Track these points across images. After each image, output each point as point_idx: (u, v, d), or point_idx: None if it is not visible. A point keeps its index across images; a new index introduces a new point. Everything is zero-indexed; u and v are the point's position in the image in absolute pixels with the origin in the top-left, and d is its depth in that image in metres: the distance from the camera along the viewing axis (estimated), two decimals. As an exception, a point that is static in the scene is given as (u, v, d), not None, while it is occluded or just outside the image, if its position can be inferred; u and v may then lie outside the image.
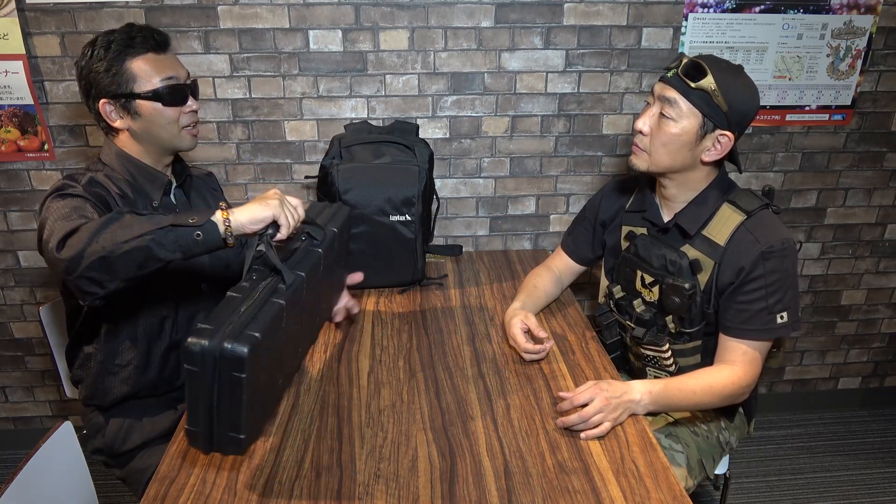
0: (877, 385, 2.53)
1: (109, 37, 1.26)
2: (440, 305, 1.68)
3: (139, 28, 1.28)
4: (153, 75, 1.27)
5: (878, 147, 2.12)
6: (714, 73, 1.23)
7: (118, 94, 1.26)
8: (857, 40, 1.95)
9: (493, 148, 2.02)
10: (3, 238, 2.01)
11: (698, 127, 1.27)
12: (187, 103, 1.33)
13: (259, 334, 0.93)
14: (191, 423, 0.98)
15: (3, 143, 1.88)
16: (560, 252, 1.69)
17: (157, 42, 1.29)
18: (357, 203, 1.67)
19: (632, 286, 1.46)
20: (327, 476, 1.09)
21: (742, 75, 1.27)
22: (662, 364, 1.44)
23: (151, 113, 1.28)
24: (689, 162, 1.31)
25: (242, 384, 0.92)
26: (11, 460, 2.27)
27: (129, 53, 1.26)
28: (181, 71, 1.33)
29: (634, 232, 1.46)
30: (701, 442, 1.44)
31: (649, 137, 1.32)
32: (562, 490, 1.05)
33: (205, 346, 0.91)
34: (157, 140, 1.32)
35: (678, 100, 1.26)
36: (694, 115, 1.26)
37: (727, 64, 1.27)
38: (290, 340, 1.11)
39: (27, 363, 2.21)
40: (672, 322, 1.39)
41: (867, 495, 2.12)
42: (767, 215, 1.32)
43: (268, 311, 0.99)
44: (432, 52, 1.88)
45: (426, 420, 1.23)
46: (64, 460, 1.22)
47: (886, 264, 2.31)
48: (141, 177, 1.34)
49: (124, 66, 1.25)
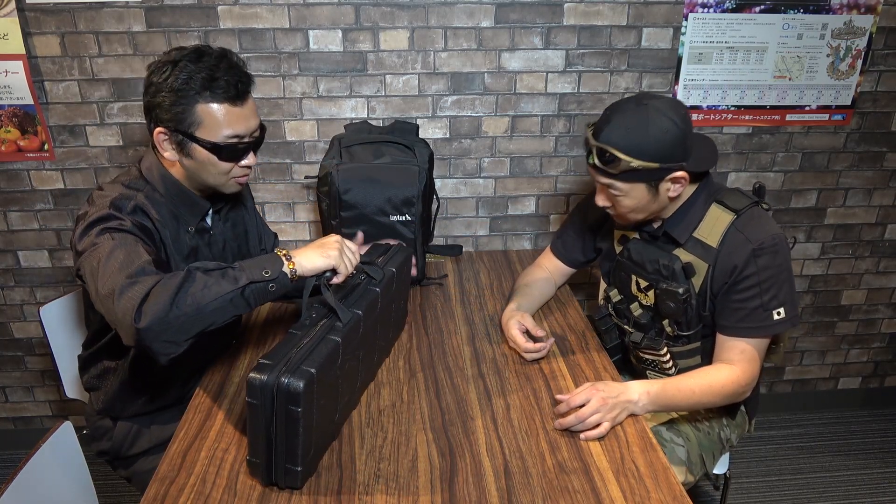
0: (877, 385, 2.53)
1: (191, 69, 1.15)
2: (440, 305, 1.68)
3: (226, 69, 1.17)
4: (220, 128, 1.19)
5: (879, 147, 2.12)
6: (623, 148, 1.21)
7: (177, 130, 1.18)
8: (857, 40, 1.95)
9: (493, 148, 2.02)
10: (3, 238, 2.01)
11: (646, 188, 1.27)
12: (244, 159, 1.25)
13: (314, 370, 0.98)
14: (252, 455, 1.04)
15: (3, 143, 1.88)
16: (550, 254, 1.69)
17: (237, 92, 1.18)
18: (357, 203, 1.67)
19: (628, 290, 1.46)
20: (327, 476, 1.09)
21: (649, 118, 1.21)
22: (662, 367, 1.44)
23: (205, 160, 1.21)
24: (664, 204, 1.32)
25: (298, 417, 0.97)
26: (11, 460, 2.27)
27: (203, 97, 1.16)
28: (251, 123, 1.23)
29: (627, 236, 1.46)
30: (702, 437, 1.44)
31: (614, 209, 1.35)
32: (562, 490, 1.05)
33: (264, 381, 0.96)
34: (201, 181, 1.26)
35: (613, 183, 1.27)
36: (636, 185, 1.26)
37: (630, 117, 1.22)
38: (346, 377, 1.14)
39: (27, 363, 2.21)
40: (669, 326, 1.39)
41: (867, 495, 2.12)
42: (757, 212, 1.31)
43: (324, 347, 1.04)
44: (432, 52, 1.88)
45: (426, 420, 1.23)
46: (64, 460, 1.21)
47: (886, 264, 2.31)
48: (182, 203, 1.29)
49: (194, 107, 1.16)
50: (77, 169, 1.93)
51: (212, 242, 1.38)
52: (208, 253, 1.36)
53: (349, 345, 1.11)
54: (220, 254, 1.40)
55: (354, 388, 1.22)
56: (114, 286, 1.03)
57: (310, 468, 1.07)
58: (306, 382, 0.95)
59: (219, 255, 1.39)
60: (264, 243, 1.58)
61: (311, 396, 0.98)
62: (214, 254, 1.38)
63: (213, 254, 1.38)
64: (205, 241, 1.36)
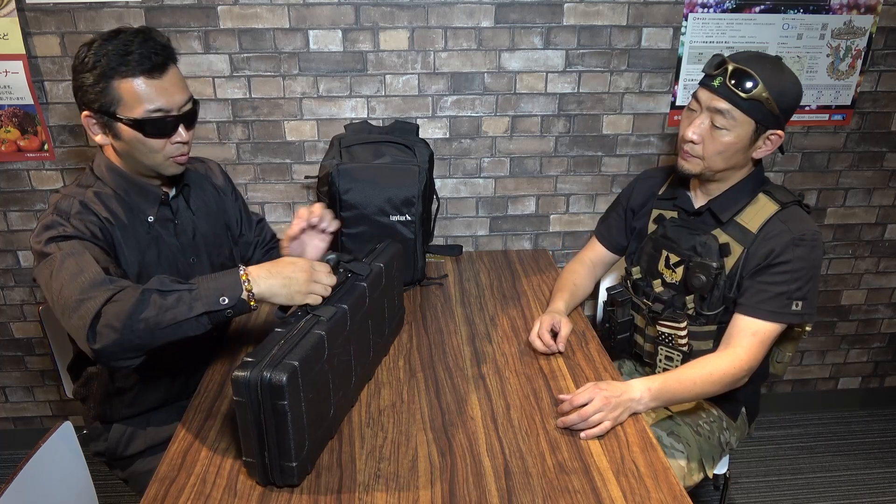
0: (877, 385, 2.53)
1: (105, 47, 1.13)
2: (440, 305, 1.68)
3: (140, 42, 1.14)
4: (139, 104, 1.15)
5: (878, 147, 2.12)
6: (763, 79, 1.24)
7: (101, 111, 1.16)
8: (856, 40, 1.95)
9: (493, 148, 2.02)
10: (3, 238, 2.01)
11: (752, 132, 1.29)
12: (174, 135, 1.21)
13: (297, 363, 0.98)
14: (246, 454, 1.04)
15: (3, 143, 1.88)
16: (594, 242, 1.71)
17: (153, 64, 1.14)
18: (357, 203, 1.67)
19: (654, 267, 1.48)
20: (327, 476, 1.09)
21: (785, 70, 1.29)
22: (677, 343, 1.44)
23: (132, 139, 1.18)
24: (741, 162, 1.34)
25: (285, 411, 0.97)
26: (11, 460, 2.27)
27: (119, 73, 1.13)
28: (176, 98, 1.18)
29: (664, 215, 1.49)
30: (702, 442, 1.44)
31: (701, 145, 1.33)
32: (562, 490, 1.05)
33: (248, 378, 0.96)
34: (138, 164, 1.23)
35: (731, 110, 1.27)
36: (747, 123, 1.28)
37: (769, 61, 1.28)
38: (337, 371, 1.14)
39: (27, 363, 2.20)
40: (692, 303, 1.41)
41: (867, 495, 2.12)
42: (800, 210, 1.35)
43: (308, 341, 1.04)
44: (432, 52, 1.88)
45: (426, 420, 1.23)
46: (64, 460, 1.21)
47: (886, 264, 2.31)
48: (133, 192, 1.26)
49: (111, 84, 1.13)
50: (77, 169, 1.93)
51: (178, 232, 1.34)
52: (174, 242, 1.33)
53: (336, 339, 1.10)
54: (191, 243, 1.36)
55: (350, 385, 1.22)
56: (65, 304, 1.06)
57: (306, 464, 1.06)
58: (289, 376, 0.96)
59: (188, 244, 1.36)
60: (244, 231, 1.53)
61: (297, 390, 0.98)
62: (183, 243, 1.34)
63: (182, 243, 1.34)
64: (169, 231, 1.32)
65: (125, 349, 1.04)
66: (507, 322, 1.59)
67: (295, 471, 1.03)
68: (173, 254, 1.33)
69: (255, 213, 1.61)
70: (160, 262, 1.30)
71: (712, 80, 1.29)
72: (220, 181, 1.49)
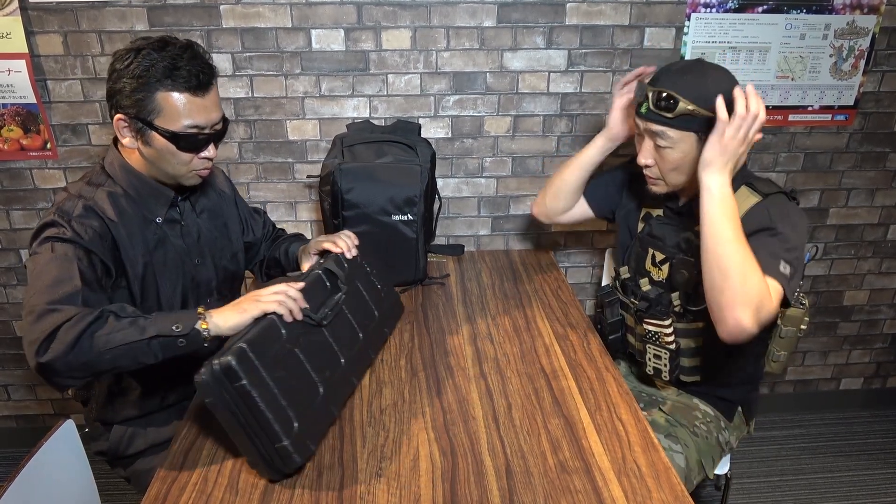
0: (879, 386, 2.53)
1: (153, 57, 1.14)
2: (442, 305, 1.68)
3: (189, 58, 1.16)
4: (178, 118, 1.17)
5: (881, 147, 2.12)
6: (684, 93, 1.23)
7: (137, 118, 1.17)
8: (859, 40, 1.95)
9: (495, 147, 2.02)
10: (6, 236, 2.02)
11: (696, 142, 1.27)
12: (204, 151, 1.24)
13: (245, 344, 1.01)
14: (245, 453, 1.06)
15: (6, 142, 1.88)
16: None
17: (199, 82, 1.17)
18: (359, 202, 1.67)
19: (641, 266, 1.48)
20: (328, 475, 1.09)
21: (707, 72, 1.27)
22: (663, 341, 1.44)
23: (163, 149, 1.20)
24: None
25: (248, 390, 0.99)
26: (13, 458, 2.27)
27: (164, 85, 1.15)
28: (213, 115, 1.22)
29: (651, 213, 1.49)
30: (700, 443, 1.43)
31: (656, 167, 1.35)
32: (563, 490, 1.05)
33: (205, 375, 0.99)
34: (161, 171, 1.26)
35: (665, 131, 1.28)
36: (687, 136, 1.27)
37: (688, 70, 1.27)
38: (312, 351, 1.15)
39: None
40: (678, 299, 1.40)
41: (869, 496, 2.12)
42: (783, 199, 1.30)
43: (257, 326, 1.07)
44: (434, 52, 1.88)
45: (428, 419, 1.23)
46: (66, 458, 1.22)
47: (889, 265, 2.31)
48: (145, 192, 1.28)
49: (154, 94, 1.15)
50: (79, 168, 1.94)
51: (184, 234, 1.35)
52: (180, 244, 1.34)
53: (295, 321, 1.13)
54: (195, 245, 1.37)
55: (337, 364, 1.22)
56: (34, 307, 1.07)
57: (304, 443, 1.06)
58: (238, 356, 0.99)
59: (192, 246, 1.36)
60: (249, 232, 1.55)
61: (254, 369, 1.01)
62: (188, 244, 1.35)
63: (187, 244, 1.35)
64: (175, 232, 1.33)
65: (71, 367, 1.05)
66: (509, 322, 1.59)
67: (290, 449, 1.03)
68: (179, 255, 1.33)
69: (255, 208, 1.63)
70: (167, 262, 1.31)
71: (640, 108, 1.31)
72: (223, 186, 1.51)
